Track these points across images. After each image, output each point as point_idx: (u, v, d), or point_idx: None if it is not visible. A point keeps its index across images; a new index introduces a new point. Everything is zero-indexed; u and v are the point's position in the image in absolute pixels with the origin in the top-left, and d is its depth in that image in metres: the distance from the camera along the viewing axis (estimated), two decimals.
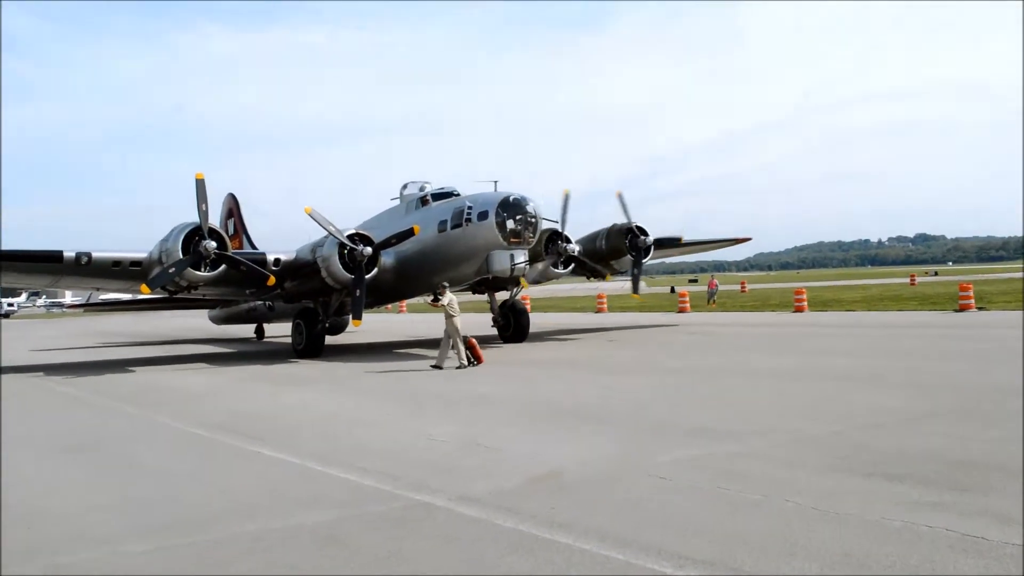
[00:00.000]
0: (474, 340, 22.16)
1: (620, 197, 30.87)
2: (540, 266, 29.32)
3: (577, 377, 18.80)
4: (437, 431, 12.52)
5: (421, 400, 16.16)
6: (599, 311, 51.42)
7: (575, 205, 30.29)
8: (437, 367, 21.30)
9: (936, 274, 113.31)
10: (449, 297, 22.22)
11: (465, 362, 21.46)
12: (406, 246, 27.12)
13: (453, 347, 21.74)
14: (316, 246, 26.22)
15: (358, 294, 25.30)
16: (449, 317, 21.83)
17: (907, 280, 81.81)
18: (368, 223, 30.32)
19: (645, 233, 30.96)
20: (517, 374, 20.12)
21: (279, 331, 42.49)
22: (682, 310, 46.54)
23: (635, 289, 32.27)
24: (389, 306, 63.67)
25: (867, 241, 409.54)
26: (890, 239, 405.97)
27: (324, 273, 25.56)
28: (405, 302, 64.97)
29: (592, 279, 33.80)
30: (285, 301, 29.58)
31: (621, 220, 31.05)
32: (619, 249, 30.76)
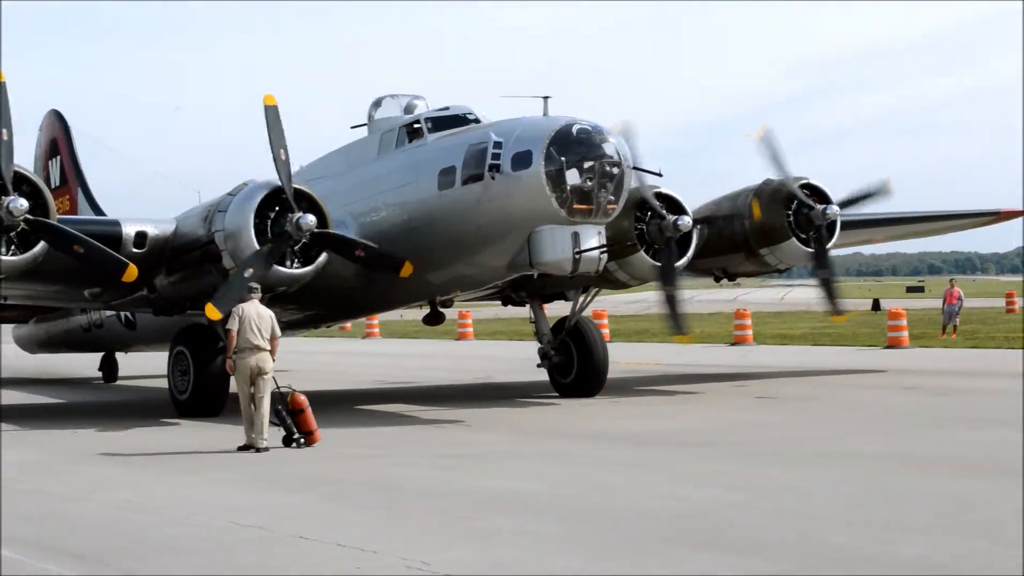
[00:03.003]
0: (303, 398, 21.95)
1: (764, 136, 30.46)
2: (630, 257, 29.12)
3: (690, 464, 18.71)
4: (436, 557, 12.48)
5: (402, 499, 16.09)
6: (739, 341, 51.13)
7: (662, 150, 30.02)
8: (249, 447, 21.30)
9: None
10: (247, 311, 21.65)
11: (263, 440, 21.21)
12: (379, 215, 27.13)
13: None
14: (212, 211, 26.26)
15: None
16: (248, 351, 21.36)
17: None
18: (309, 170, 30.33)
19: (825, 197, 30.70)
20: (576, 455, 20.07)
21: (147, 366, 42.75)
22: (894, 343, 46.21)
23: (833, 305, 31.60)
24: (347, 325, 63.96)
25: None
26: None
27: (229, 262, 25.67)
28: (376, 319, 65.20)
29: (724, 281, 33.65)
30: (157, 312, 29.68)
31: (766, 175, 30.78)
32: (774, 228, 30.48)
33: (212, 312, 24.76)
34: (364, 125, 29.76)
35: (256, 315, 21.58)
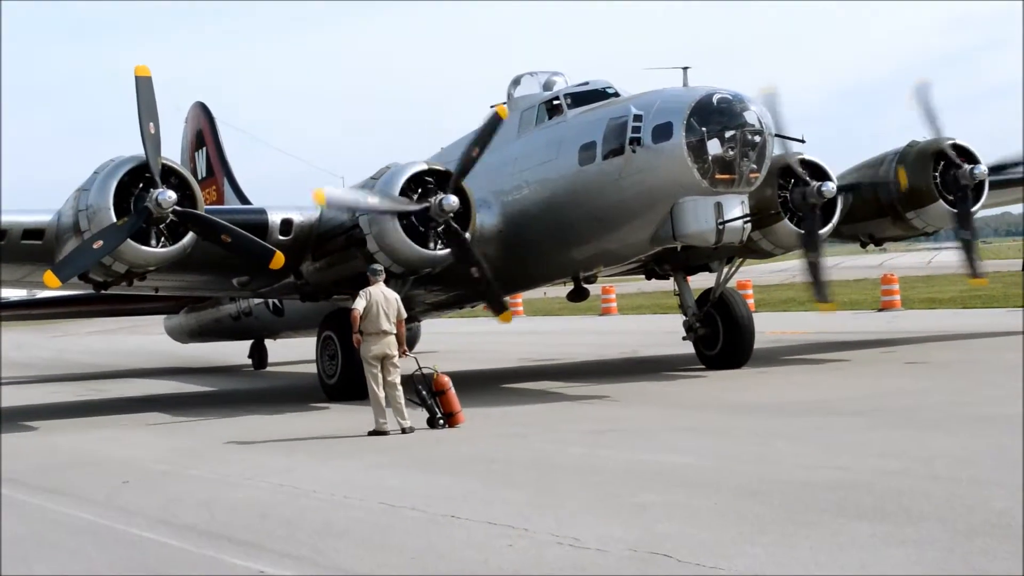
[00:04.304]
0: (446, 378, 21.82)
1: (921, 91, 30.13)
2: (774, 225, 28.78)
3: (842, 434, 18.55)
4: (588, 533, 12.47)
5: (551, 476, 16.12)
6: (886, 307, 50.59)
7: (816, 116, 29.58)
8: (377, 432, 21.27)
9: None
10: (374, 294, 21.43)
11: (406, 421, 21.25)
12: (521, 193, 27.15)
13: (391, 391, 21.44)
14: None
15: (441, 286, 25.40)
16: (375, 335, 21.33)
17: None
18: (450, 151, 30.41)
19: (972, 158, 30.22)
20: (726, 428, 19.98)
21: (295, 351, 43.29)
22: None
23: (971, 267, 31.23)
24: None
25: None
26: None
27: (373, 245, 25.83)
28: (520, 297, 65.36)
29: (870, 247, 33.28)
30: (304, 298, 30.03)
31: (920, 136, 30.40)
32: (921, 190, 30.09)
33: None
34: (503, 103, 29.76)
35: (383, 298, 21.48)
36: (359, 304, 21.27)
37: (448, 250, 25.61)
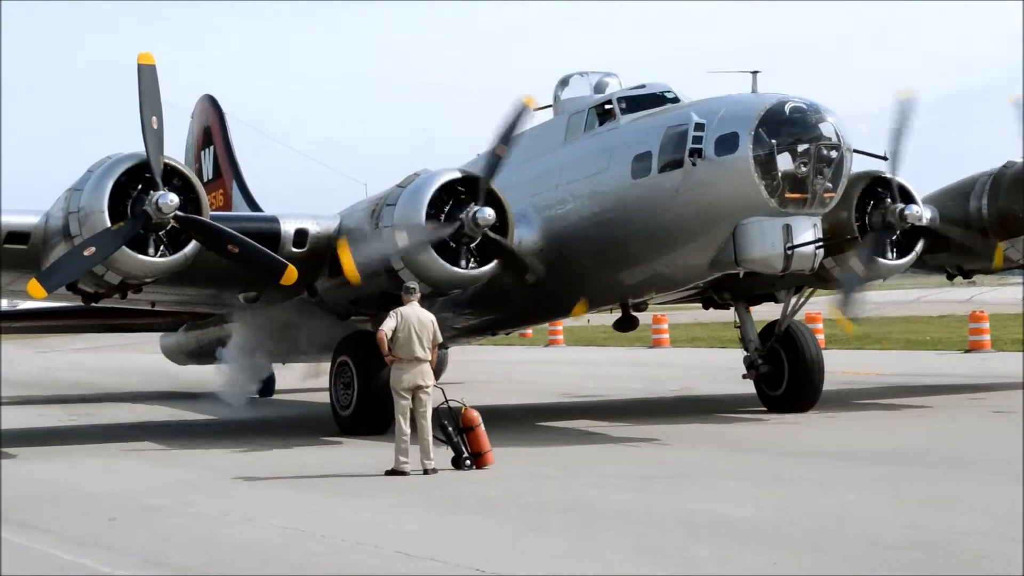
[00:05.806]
0: (476, 414, 21.75)
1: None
2: (851, 254, 28.57)
3: (918, 487, 18.55)
4: None
5: (590, 525, 16.16)
6: (974, 347, 50.31)
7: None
8: (396, 471, 21.15)
9: None
10: (407, 315, 21.29)
11: (431, 461, 21.13)
12: (565, 207, 27.15)
13: (416, 428, 21.30)
14: (380, 205, 26.48)
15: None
16: (408, 363, 21.24)
17: None
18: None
19: None
20: (787, 476, 20.01)
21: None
22: None
23: None
24: (528, 331, 64.23)
25: None
26: None
27: (398, 262, 25.84)
28: (560, 324, 65.33)
29: (958, 279, 33.12)
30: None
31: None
32: (1017, 218, 29.96)
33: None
34: (549, 107, 29.75)
35: (417, 321, 21.30)
36: (388, 325, 21.11)
37: (482, 269, 25.61)
